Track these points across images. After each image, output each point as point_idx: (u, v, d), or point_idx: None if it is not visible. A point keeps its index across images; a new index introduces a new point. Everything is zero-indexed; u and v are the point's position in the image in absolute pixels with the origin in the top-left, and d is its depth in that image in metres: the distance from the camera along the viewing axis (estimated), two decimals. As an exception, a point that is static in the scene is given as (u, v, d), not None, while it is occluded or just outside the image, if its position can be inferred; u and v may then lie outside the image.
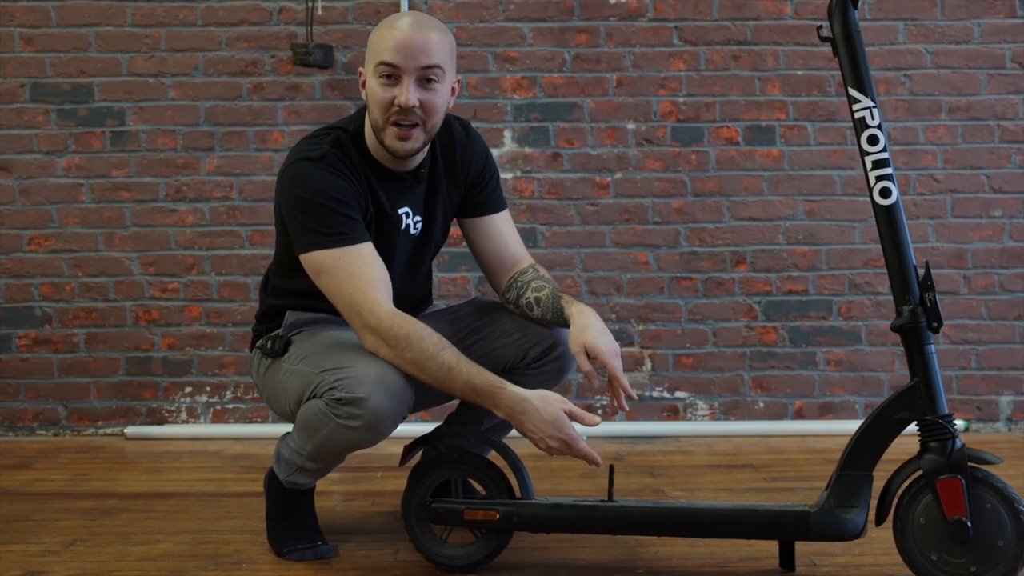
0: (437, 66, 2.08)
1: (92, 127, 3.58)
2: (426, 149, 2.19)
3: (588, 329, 2.13)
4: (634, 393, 2.13)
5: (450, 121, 2.27)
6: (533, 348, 2.31)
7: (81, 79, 3.57)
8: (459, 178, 2.29)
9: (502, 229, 2.36)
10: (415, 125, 2.09)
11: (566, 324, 2.19)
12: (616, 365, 2.11)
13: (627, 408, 2.18)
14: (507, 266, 2.34)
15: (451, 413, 2.44)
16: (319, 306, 2.23)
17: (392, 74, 2.06)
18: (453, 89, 2.16)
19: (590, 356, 2.11)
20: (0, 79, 3.57)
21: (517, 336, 2.31)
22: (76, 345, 3.61)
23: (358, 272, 2.06)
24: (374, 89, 2.09)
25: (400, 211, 2.22)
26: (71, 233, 3.59)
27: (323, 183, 2.08)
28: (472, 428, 2.34)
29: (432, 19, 2.12)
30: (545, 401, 2.02)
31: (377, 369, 2.01)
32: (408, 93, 2.05)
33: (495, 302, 2.42)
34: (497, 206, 2.36)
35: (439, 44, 2.08)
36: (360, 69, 2.16)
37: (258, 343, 2.31)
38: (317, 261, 2.08)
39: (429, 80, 2.08)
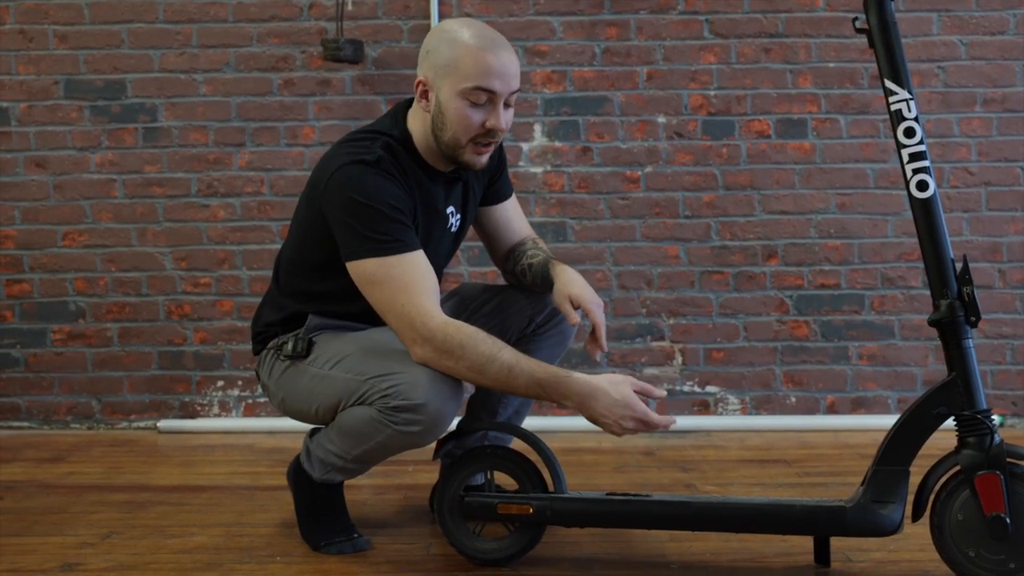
0: (520, 88, 2.13)
1: (125, 123, 3.60)
2: None
3: (572, 283, 2.18)
4: (606, 347, 2.16)
5: None
6: (537, 314, 2.34)
7: (114, 76, 3.59)
8: (484, 171, 2.31)
9: (512, 215, 2.42)
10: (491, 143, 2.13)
11: (551, 284, 2.23)
12: (599, 315, 2.14)
13: (599, 359, 2.21)
14: (513, 244, 2.40)
15: (470, 396, 2.42)
16: (342, 311, 2.21)
17: (488, 100, 2.06)
18: None
19: (576, 307, 2.16)
20: (34, 76, 3.60)
21: (521, 305, 2.34)
22: (109, 339, 3.63)
23: (411, 282, 2.01)
24: (461, 111, 2.06)
25: (448, 210, 2.24)
26: (104, 228, 3.62)
27: (380, 188, 2.03)
28: (493, 420, 2.37)
29: (499, 34, 2.10)
30: (613, 383, 1.98)
31: (428, 372, 2.01)
32: (501, 118, 2.07)
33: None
34: (508, 191, 2.41)
35: (518, 64, 2.10)
36: (423, 78, 2.10)
37: (271, 344, 2.28)
38: (368, 269, 2.03)
39: (510, 103, 2.11)
